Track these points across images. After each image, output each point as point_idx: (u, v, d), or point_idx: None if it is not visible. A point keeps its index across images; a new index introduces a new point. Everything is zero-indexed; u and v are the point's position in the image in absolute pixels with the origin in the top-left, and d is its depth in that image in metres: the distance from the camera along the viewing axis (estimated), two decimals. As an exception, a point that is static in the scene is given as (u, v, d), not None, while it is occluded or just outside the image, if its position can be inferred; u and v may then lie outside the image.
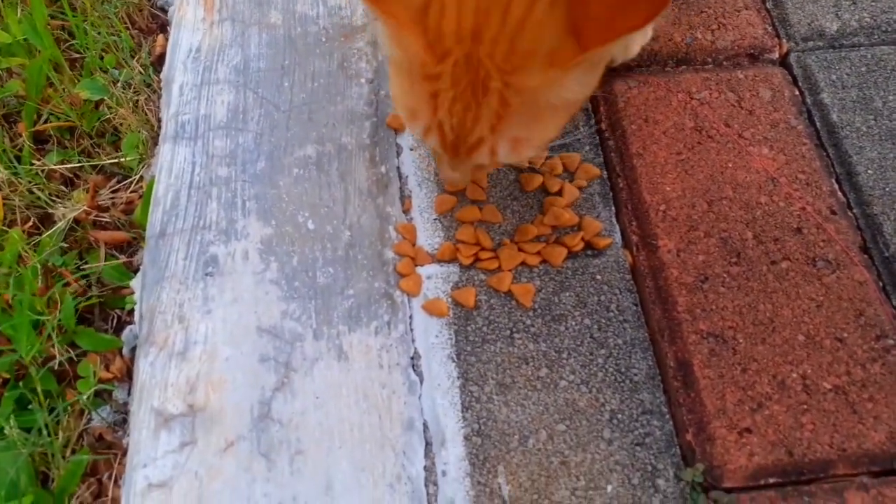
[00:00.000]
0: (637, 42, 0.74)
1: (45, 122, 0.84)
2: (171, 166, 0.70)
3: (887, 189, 0.70)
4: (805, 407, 0.59)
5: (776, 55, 0.79)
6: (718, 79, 0.77)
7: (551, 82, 0.51)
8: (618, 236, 0.68)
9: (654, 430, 0.59)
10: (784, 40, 0.80)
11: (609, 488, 0.56)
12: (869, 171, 0.71)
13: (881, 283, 0.66)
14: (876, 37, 0.80)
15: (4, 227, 0.75)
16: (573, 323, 0.63)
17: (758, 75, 0.77)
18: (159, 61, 0.84)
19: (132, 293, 0.71)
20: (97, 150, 0.80)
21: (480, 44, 0.50)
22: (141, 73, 0.82)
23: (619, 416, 0.59)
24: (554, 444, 0.58)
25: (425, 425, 0.58)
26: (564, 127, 0.62)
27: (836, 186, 0.71)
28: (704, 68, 0.78)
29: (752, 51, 0.79)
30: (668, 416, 0.59)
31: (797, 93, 0.76)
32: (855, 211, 0.70)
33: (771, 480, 0.57)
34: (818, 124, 0.74)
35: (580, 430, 0.58)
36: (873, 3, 0.81)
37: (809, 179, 0.71)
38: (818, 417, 0.59)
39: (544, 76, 0.50)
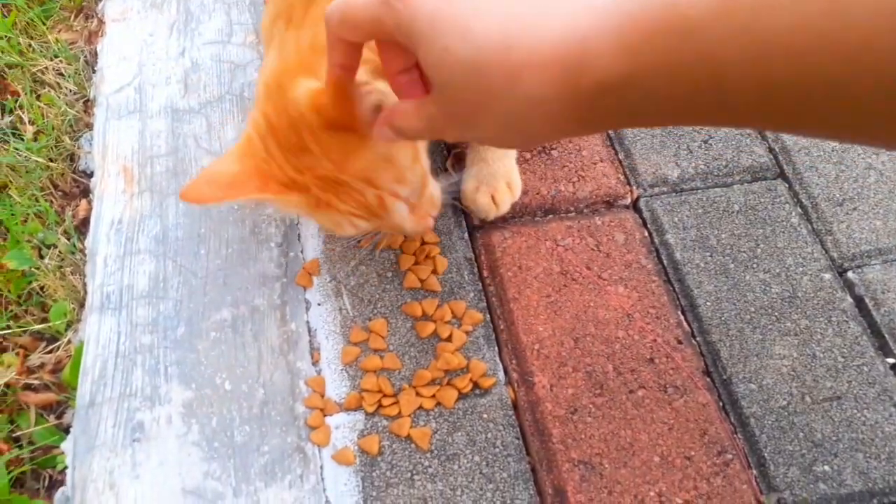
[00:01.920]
0: (507, 201, 0.87)
1: (-28, 285, 0.89)
2: (98, 336, 0.77)
3: (723, 318, 0.83)
4: (660, 521, 0.70)
5: (628, 201, 0.93)
6: (580, 226, 0.90)
7: (365, 156, 0.62)
8: (501, 374, 0.79)
9: (536, 554, 0.68)
10: (634, 187, 0.94)
11: None
12: (707, 303, 0.85)
13: (720, 403, 0.78)
14: (709, 181, 0.95)
15: (-66, 396, 0.80)
16: (465, 461, 0.73)
17: (613, 220, 0.91)
18: (83, 224, 0.92)
19: (62, 453, 0.76)
20: (24, 314, 0.86)
21: (316, 171, 0.63)
22: (65, 240, 0.89)
23: (506, 543, 0.68)
24: (450, 574, 0.66)
25: (337, 567, 0.66)
26: (413, 158, 0.68)
27: (681, 318, 0.84)
28: (568, 216, 0.91)
29: (607, 198, 0.93)
30: (547, 540, 0.69)
31: (647, 234, 0.90)
32: (698, 339, 0.83)
33: (635, 590, 0.67)
34: (665, 262, 0.88)
35: (472, 560, 0.67)
36: (706, 152, 0.97)
37: (659, 313, 0.84)
38: (671, 529, 0.70)
39: (359, 158, 0.62)
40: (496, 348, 0.81)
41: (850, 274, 0.88)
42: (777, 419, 0.77)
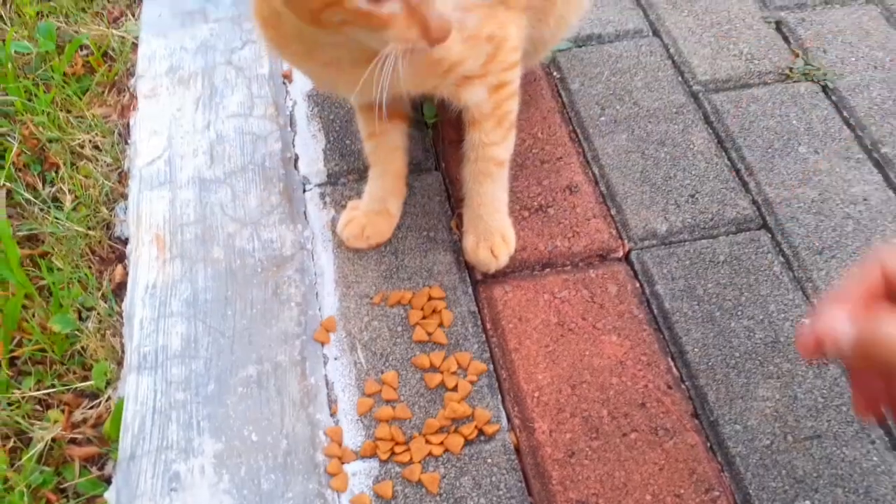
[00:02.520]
0: (504, 253, 0.94)
1: (19, 347, 0.97)
2: (136, 394, 0.85)
3: (710, 364, 0.90)
4: (653, 556, 0.76)
5: (620, 254, 1.00)
6: (575, 279, 0.97)
7: None
8: (504, 421, 0.86)
9: (538, 589, 0.74)
10: (626, 241, 1.01)
11: None
12: (695, 350, 0.91)
13: (708, 444, 0.84)
14: (696, 233, 1.02)
15: (-12, 450, 0.88)
16: (472, 503, 0.79)
17: (606, 273, 0.98)
18: (119, 288, 1.00)
19: (105, 502, 0.83)
20: (67, 373, 0.94)
21: None
22: (104, 304, 0.97)
23: (510, 579, 0.75)
24: None
25: None
26: None
27: (671, 364, 0.90)
28: (564, 270, 0.98)
29: (601, 252, 1.00)
30: (548, 576, 0.75)
31: (638, 285, 0.97)
32: (686, 384, 0.89)
33: None
34: (655, 311, 0.95)
35: None
36: (692, 206, 1.04)
37: (650, 360, 0.90)
38: (663, 564, 0.76)
39: None
40: (499, 396, 0.88)
41: (829, 319, 0.94)
42: (761, 458, 0.83)
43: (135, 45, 1.25)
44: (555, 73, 1.20)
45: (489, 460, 0.82)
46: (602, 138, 1.11)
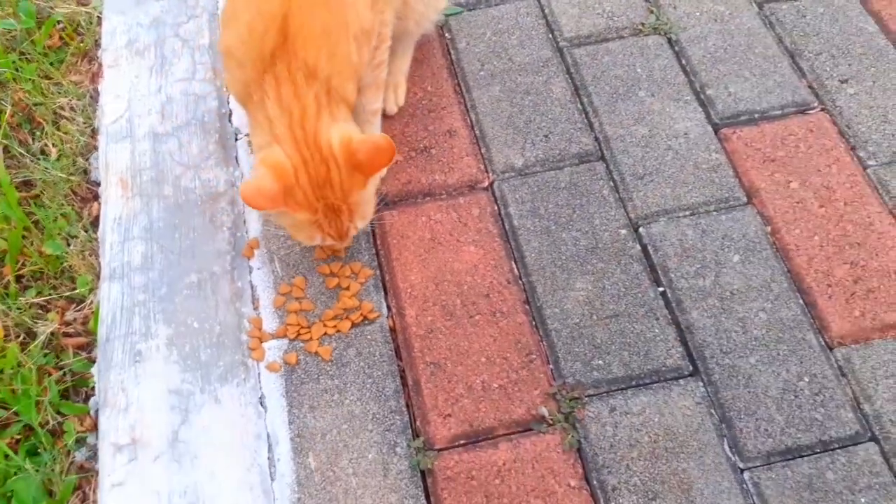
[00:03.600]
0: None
1: (22, 267, 1.27)
2: (109, 297, 1.14)
3: (542, 265, 1.18)
4: (482, 398, 1.06)
5: (485, 184, 1.28)
6: (448, 205, 1.25)
7: (363, 192, 1.02)
8: (384, 310, 1.15)
9: (397, 421, 1.05)
10: (490, 174, 1.28)
11: (370, 456, 1.02)
12: (532, 255, 1.19)
13: (533, 322, 1.14)
14: (546, 165, 1.29)
15: (4, 343, 1.18)
16: (354, 366, 1.09)
17: (472, 200, 1.25)
18: (94, 220, 1.29)
19: (92, 377, 1.14)
20: (60, 285, 1.24)
21: (328, 199, 1.00)
22: (84, 232, 1.26)
23: (378, 416, 1.05)
24: (340, 436, 1.03)
25: (268, 435, 1.04)
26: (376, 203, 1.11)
27: (513, 266, 1.19)
28: (440, 198, 1.26)
29: (470, 184, 1.27)
30: (404, 412, 1.06)
31: (496, 209, 1.25)
32: (523, 280, 1.18)
33: (461, 442, 1.04)
34: (506, 228, 1.23)
35: (354, 426, 1.04)
36: (545, 144, 1.31)
37: (497, 263, 1.19)
38: (488, 404, 1.06)
39: (359, 193, 1.01)
40: (382, 293, 1.17)
41: (641, 230, 1.22)
42: (571, 332, 1.12)
43: (100, 20, 1.50)
44: (446, 35, 1.45)
45: (369, 337, 1.12)
46: (479, 90, 1.37)
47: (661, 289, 1.16)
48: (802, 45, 1.41)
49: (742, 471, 1.00)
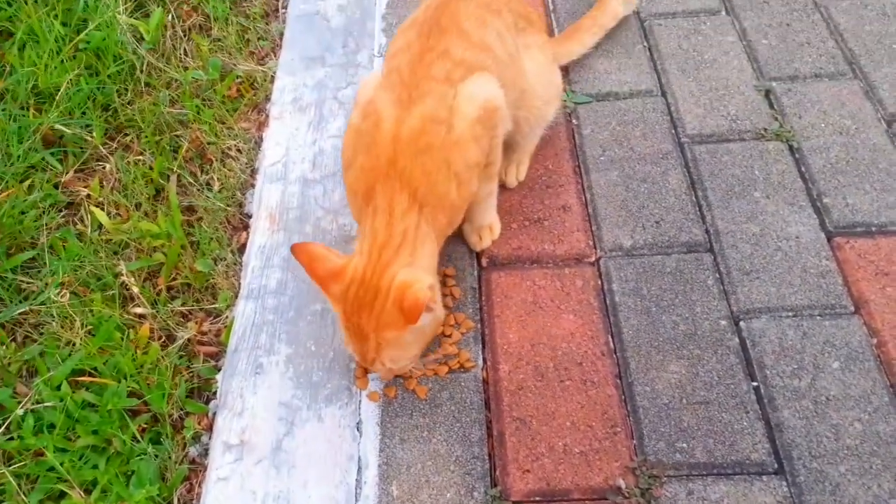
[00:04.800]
0: (488, 239, 1.33)
1: (174, 279, 1.45)
2: (243, 313, 1.29)
3: (638, 343, 1.23)
4: (562, 461, 1.11)
5: (592, 259, 1.35)
6: (553, 273, 1.32)
7: (398, 335, 1.06)
8: (480, 362, 1.23)
9: (478, 467, 1.11)
10: (598, 251, 1.35)
11: (448, 495, 1.08)
12: (629, 332, 1.24)
13: (622, 397, 1.18)
14: (654, 250, 1.34)
15: (149, 342, 1.35)
16: (445, 408, 1.17)
17: (577, 272, 1.33)
18: (242, 247, 1.46)
19: (216, 382, 1.28)
20: (203, 299, 1.41)
21: (360, 320, 1.06)
22: (231, 255, 1.44)
23: (461, 459, 1.12)
24: (424, 471, 1.10)
25: (359, 458, 1.13)
26: (423, 348, 1.15)
27: (609, 339, 1.24)
28: (546, 266, 1.34)
29: (577, 257, 1.35)
30: (486, 460, 1.12)
31: (599, 283, 1.31)
32: (617, 355, 1.22)
33: (536, 498, 1.08)
34: (607, 303, 1.28)
35: (438, 464, 1.11)
36: (655, 230, 1.37)
37: (594, 335, 1.24)
38: (568, 467, 1.10)
39: (394, 334, 1.06)
40: (480, 345, 1.25)
41: (741, 323, 1.24)
42: (659, 411, 1.15)
43: (273, 79, 1.72)
44: (573, 121, 1.56)
45: (463, 384, 1.20)
46: (598, 173, 1.46)
47: (754, 383, 1.17)
48: (931, 165, 1.41)
49: (818, 578, 0.99)
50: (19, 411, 1.24)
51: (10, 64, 1.75)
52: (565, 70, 1.62)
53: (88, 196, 1.58)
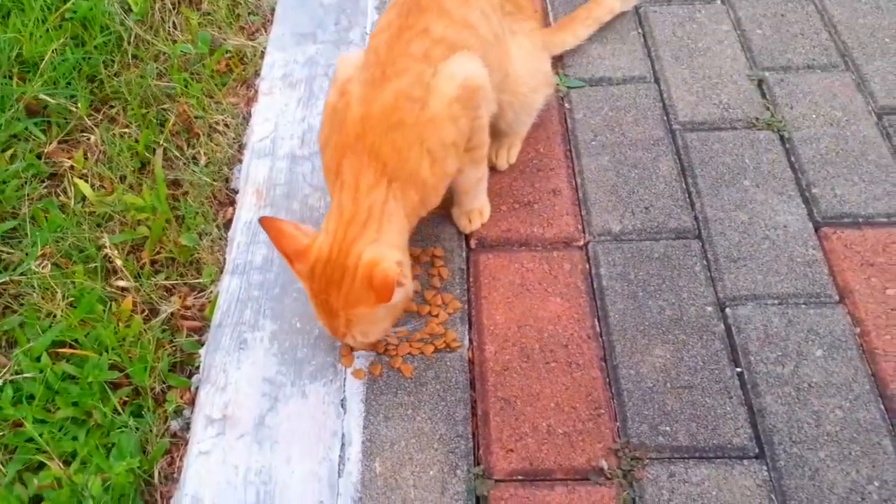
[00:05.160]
0: (477, 222, 1.33)
1: (158, 253, 1.43)
2: (228, 288, 1.28)
3: (624, 327, 1.23)
4: (545, 441, 1.11)
5: (581, 243, 1.34)
6: (541, 256, 1.32)
7: (368, 312, 1.06)
8: (466, 342, 1.22)
9: (462, 446, 1.11)
10: (586, 235, 1.35)
11: (431, 472, 1.08)
12: (616, 316, 1.24)
13: (607, 379, 1.18)
14: (642, 235, 1.34)
15: (131, 315, 1.34)
16: (430, 387, 1.16)
17: (565, 255, 1.32)
18: (228, 222, 1.44)
19: (198, 357, 1.27)
20: (187, 273, 1.39)
21: (329, 297, 1.06)
22: (216, 231, 1.42)
23: (445, 437, 1.11)
24: (407, 448, 1.10)
25: (343, 435, 1.12)
26: (394, 321, 1.14)
27: (595, 323, 1.24)
28: (535, 249, 1.33)
29: (565, 240, 1.34)
30: (469, 439, 1.11)
31: (587, 267, 1.31)
32: (603, 338, 1.22)
33: (519, 477, 1.08)
34: (594, 286, 1.28)
35: (422, 442, 1.11)
36: (645, 215, 1.37)
37: (580, 318, 1.24)
38: (551, 448, 1.10)
39: (364, 310, 1.06)
40: (467, 326, 1.24)
41: (727, 310, 1.24)
42: (642, 394, 1.15)
43: (263, 54, 1.70)
44: (566, 105, 1.55)
45: (449, 364, 1.19)
46: (589, 157, 1.46)
47: (738, 369, 1.18)
48: (919, 159, 1.42)
49: (796, 561, 0.99)
50: (-2, 382, 1.23)
51: (-7, 31, 1.72)
52: (558, 54, 1.61)
53: (72, 167, 1.55)
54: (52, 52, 1.67)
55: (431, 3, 1.14)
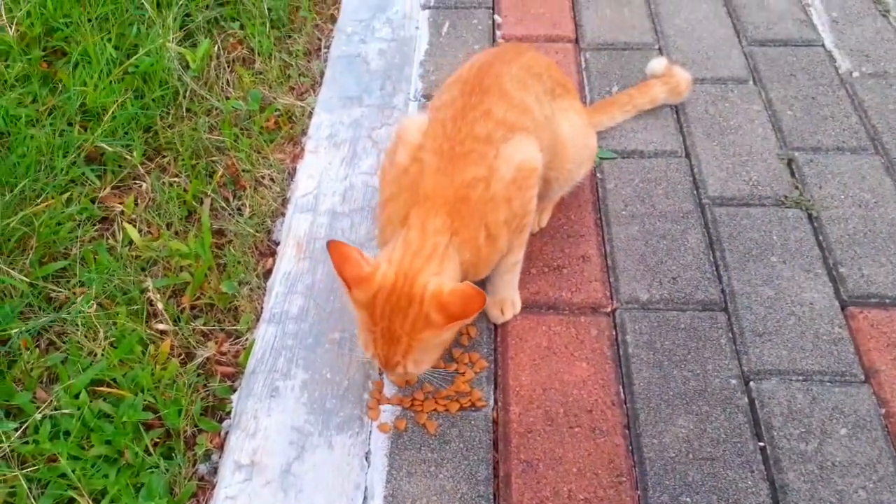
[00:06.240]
0: (510, 313, 1.34)
1: (198, 299, 1.49)
2: (263, 337, 1.32)
3: (648, 395, 1.24)
4: (566, 505, 1.12)
5: (608, 310, 1.37)
6: (569, 321, 1.35)
7: (432, 336, 1.09)
8: (491, 402, 1.24)
9: (482, 506, 1.12)
10: (614, 302, 1.38)
11: (451, 531, 1.09)
12: (641, 383, 1.26)
13: (630, 447, 1.19)
14: (669, 306, 1.37)
15: (169, 358, 1.38)
16: (454, 445, 1.18)
17: (592, 321, 1.35)
18: (268, 273, 1.50)
19: (230, 402, 1.31)
20: (225, 320, 1.44)
21: (392, 324, 1.08)
22: (256, 280, 1.48)
23: (466, 497, 1.13)
24: (429, 505, 1.12)
25: (366, 488, 1.14)
26: (441, 356, 1.18)
27: (620, 390, 1.26)
28: (563, 313, 1.36)
29: (593, 306, 1.37)
30: (491, 499, 1.13)
31: (613, 333, 1.33)
32: (627, 405, 1.24)
33: (538, 541, 1.09)
34: (620, 353, 1.30)
35: (443, 500, 1.12)
36: (672, 286, 1.39)
37: (605, 384, 1.26)
38: (571, 512, 1.11)
39: (429, 334, 1.09)
40: (493, 386, 1.27)
41: (751, 383, 1.25)
42: (665, 464, 1.16)
43: (310, 114, 1.79)
44: (598, 175, 1.60)
45: (473, 423, 1.21)
46: (619, 226, 1.49)
47: (761, 444, 1.18)
48: (948, 243, 1.43)
49: None
50: (37, 416, 1.27)
51: (62, 82, 1.83)
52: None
53: (122, 212, 1.63)
54: (115, 103, 1.77)
55: (493, 86, 1.21)
